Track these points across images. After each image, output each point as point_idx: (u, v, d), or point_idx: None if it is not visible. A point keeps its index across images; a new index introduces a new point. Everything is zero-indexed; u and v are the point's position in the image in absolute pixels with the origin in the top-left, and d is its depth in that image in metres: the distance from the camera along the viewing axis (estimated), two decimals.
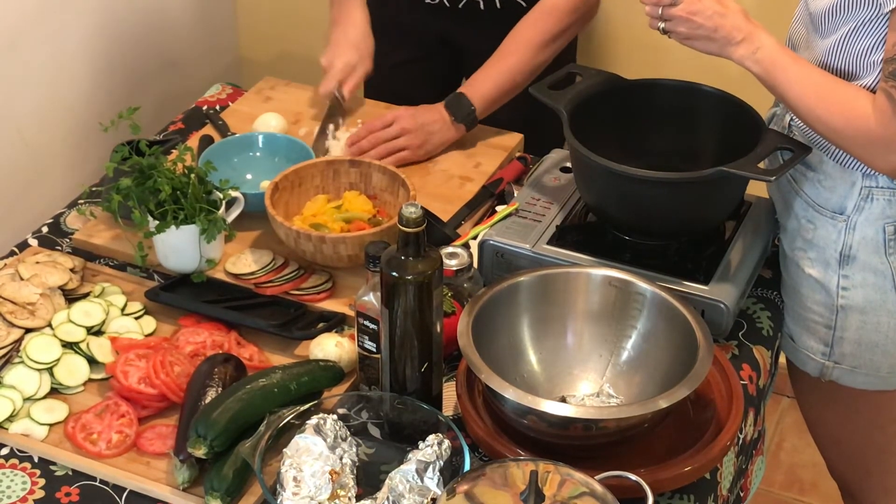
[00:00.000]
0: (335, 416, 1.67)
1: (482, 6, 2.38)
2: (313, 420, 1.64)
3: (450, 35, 2.47)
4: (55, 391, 1.82)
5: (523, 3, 2.33)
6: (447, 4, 2.40)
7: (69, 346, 1.86)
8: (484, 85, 2.27)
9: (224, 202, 2.00)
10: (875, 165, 1.81)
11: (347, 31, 2.36)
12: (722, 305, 1.86)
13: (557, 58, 2.33)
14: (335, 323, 1.92)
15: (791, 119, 1.98)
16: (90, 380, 1.84)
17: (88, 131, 2.57)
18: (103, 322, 1.90)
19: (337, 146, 2.30)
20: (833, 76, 1.81)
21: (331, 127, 2.33)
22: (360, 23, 2.37)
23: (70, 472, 1.72)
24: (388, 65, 2.47)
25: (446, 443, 1.62)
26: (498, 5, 2.36)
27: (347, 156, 2.23)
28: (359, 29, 2.37)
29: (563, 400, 1.77)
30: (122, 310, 1.94)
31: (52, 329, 1.88)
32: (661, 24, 1.82)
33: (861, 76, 1.80)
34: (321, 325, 1.91)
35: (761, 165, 1.87)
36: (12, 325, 1.87)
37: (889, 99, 1.72)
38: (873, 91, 1.78)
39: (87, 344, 1.86)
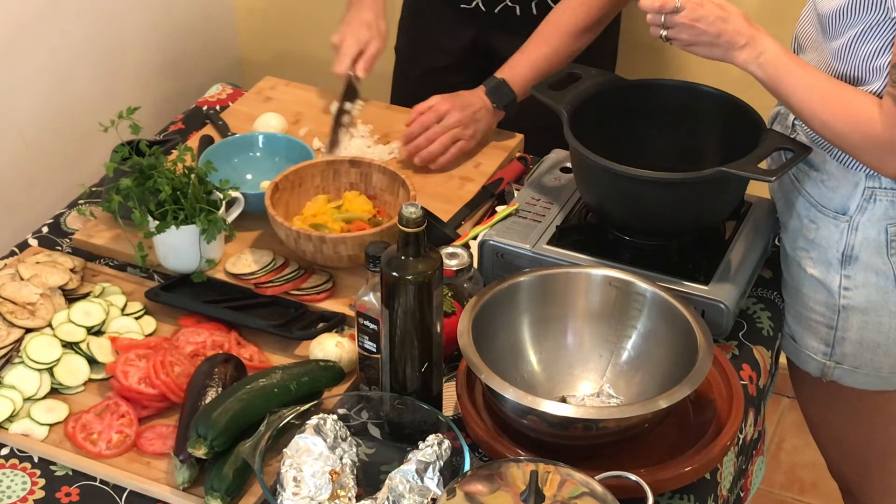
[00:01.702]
0: (335, 417, 1.67)
1: (518, 11, 2.37)
2: (313, 420, 1.64)
3: (483, 41, 2.45)
4: (55, 391, 1.82)
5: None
6: (483, 9, 2.39)
7: (69, 346, 1.86)
8: (523, 71, 2.25)
9: (224, 202, 2.00)
10: (881, 170, 1.81)
11: (360, 13, 2.34)
12: (722, 305, 1.86)
13: (599, 49, 2.33)
14: (335, 323, 1.92)
15: (794, 118, 1.98)
16: (90, 380, 1.84)
17: (88, 131, 2.56)
18: (103, 322, 1.90)
19: (353, 146, 2.29)
20: (838, 80, 1.81)
21: (345, 118, 2.30)
22: (373, 4, 2.35)
23: (70, 472, 1.72)
24: (419, 73, 2.46)
25: (446, 443, 1.62)
26: (534, 11, 2.35)
27: (404, 155, 2.24)
28: (372, 10, 2.34)
29: (564, 400, 1.77)
30: (123, 310, 1.94)
31: (53, 329, 1.88)
32: (664, 32, 1.82)
33: (868, 81, 1.80)
34: (321, 325, 1.91)
35: (762, 166, 1.87)
36: (12, 325, 1.87)
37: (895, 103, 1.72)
38: (880, 96, 1.78)
39: (88, 344, 1.86)
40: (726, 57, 1.82)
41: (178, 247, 1.99)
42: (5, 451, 1.75)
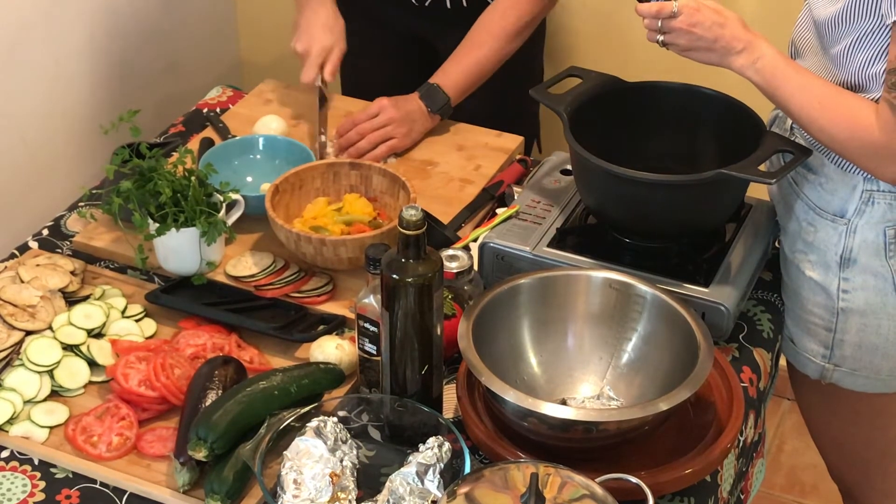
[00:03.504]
0: (335, 419, 1.67)
1: (448, 4, 2.38)
2: (314, 422, 1.64)
3: (419, 33, 2.49)
4: (55, 394, 1.82)
5: (489, 1, 2.34)
6: (415, 3, 2.40)
7: (69, 348, 1.86)
8: (456, 76, 2.29)
9: (224, 205, 2.00)
10: (879, 175, 1.81)
11: (317, 13, 2.34)
12: (722, 308, 1.86)
13: (525, 49, 2.35)
14: (335, 325, 1.92)
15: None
16: (90, 382, 1.84)
17: (89, 134, 2.57)
18: (104, 324, 1.90)
19: (330, 145, 2.30)
20: (835, 86, 1.81)
21: (321, 130, 2.31)
22: (327, 4, 2.35)
23: (70, 475, 1.72)
24: (363, 63, 2.49)
25: (447, 445, 1.62)
26: (464, 4, 2.37)
27: (336, 149, 2.27)
28: (328, 10, 2.34)
29: (564, 402, 1.77)
30: (123, 312, 1.94)
31: (53, 331, 1.88)
32: (661, 38, 1.82)
33: (868, 88, 1.80)
34: (321, 327, 1.91)
35: (762, 168, 1.87)
36: (13, 327, 1.87)
37: (892, 109, 1.72)
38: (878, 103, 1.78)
39: (88, 346, 1.86)
40: (723, 62, 1.82)
41: (179, 249, 1.99)
42: (5, 454, 1.75)
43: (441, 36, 2.45)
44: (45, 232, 2.15)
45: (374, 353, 1.76)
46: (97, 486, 1.71)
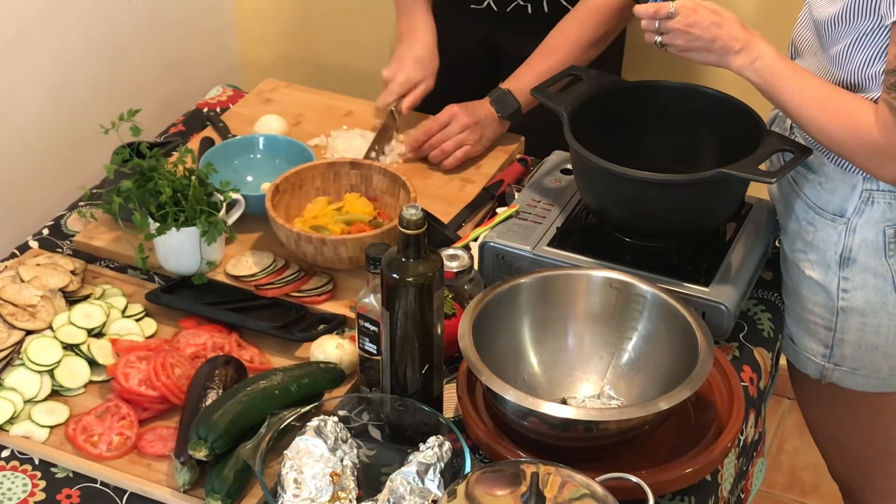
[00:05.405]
0: (336, 418, 1.67)
1: (530, 10, 2.36)
2: (314, 422, 1.64)
3: (494, 40, 2.45)
4: (56, 393, 1.82)
5: (569, 7, 2.31)
6: (495, 8, 2.38)
7: (70, 348, 1.86)
8: (528, 82, 2.24)
9: (225, 204, 2.00)
10: (879, 175, 1.81)
11: (414, 49, 2.34)
12: (722, 307, 1.86)
13: (605, 53, 2.32)
14: (336, 325, 1.92)
15: None
16: (91, 382, 1.84)
17: (89, 133, 2.56)
18: (104, 324, 1.90)
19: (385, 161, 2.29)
20: (834, 86, 1.81)
21: (375, 147, 2.29)
22: (427, 41, 2.35)
23: (71, 474, 1.72)
24: None
25: (447, 444, 1.62)
26: (545, 9, 2.35)
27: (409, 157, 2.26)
28: (426, 46, 2.34)
29: (564, 402, 1.77)
30: (123, 312, 1.94)
31: (53, 331, 1.88)
32: (658, 38, 1.82)
33: (867, 88, 1.80)
34: (322, 326, 1.91)
35: (762, 167, 1.87)
36: (13, 327, 1.87)
37: (891, 110, 1.72)
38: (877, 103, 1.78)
39: (88, 346, 1.86)
40: (721, 62, 1.82)
41: (179, 249, 1.99)
42: (6, 454, 1.75)
43: (517, 44, 2.38)
44: (46, 231, 2.15)
45: (375, 352, 1.76)
46: (98, 486, 1.71)
